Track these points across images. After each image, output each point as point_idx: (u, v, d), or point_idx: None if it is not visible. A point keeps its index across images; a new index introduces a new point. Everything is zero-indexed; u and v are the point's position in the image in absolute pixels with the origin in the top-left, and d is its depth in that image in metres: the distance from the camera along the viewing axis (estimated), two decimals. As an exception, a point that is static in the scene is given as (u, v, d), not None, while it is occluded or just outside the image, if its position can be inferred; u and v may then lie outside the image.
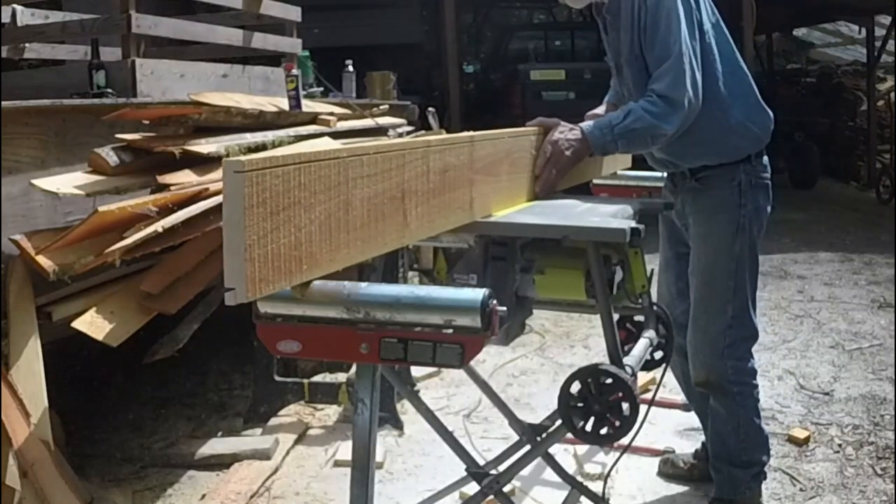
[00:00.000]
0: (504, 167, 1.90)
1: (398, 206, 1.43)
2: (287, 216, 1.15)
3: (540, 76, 8.50)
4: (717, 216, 2.33)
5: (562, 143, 2.11)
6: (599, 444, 2.41)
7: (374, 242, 1.37)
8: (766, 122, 2.37)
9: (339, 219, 1.26)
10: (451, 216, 1.64)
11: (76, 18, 3.63)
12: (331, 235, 1.24)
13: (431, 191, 1.54)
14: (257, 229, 1.09)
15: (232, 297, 1.09)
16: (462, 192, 1.68)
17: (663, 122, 2.14)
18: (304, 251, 1.19)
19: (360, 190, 1.31)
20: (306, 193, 1.18)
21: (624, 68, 2.31)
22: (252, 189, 1.08)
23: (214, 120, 2.40)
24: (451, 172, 1.62)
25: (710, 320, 2.36)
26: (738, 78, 2.33)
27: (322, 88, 4.09)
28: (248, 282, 1.08)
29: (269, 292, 1.13)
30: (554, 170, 2.11)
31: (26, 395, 2.13)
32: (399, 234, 1.45)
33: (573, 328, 4.54)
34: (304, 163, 1.18)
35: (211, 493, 2.73)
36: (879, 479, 2.78)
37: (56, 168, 2.29)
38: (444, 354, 1.40)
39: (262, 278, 1.11)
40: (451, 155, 1.62)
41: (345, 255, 1.29)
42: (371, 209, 1.35)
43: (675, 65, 2.13)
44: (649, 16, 2.16)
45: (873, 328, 4.49)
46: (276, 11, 4.15)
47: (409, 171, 1.46)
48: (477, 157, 1.73)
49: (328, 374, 3.68)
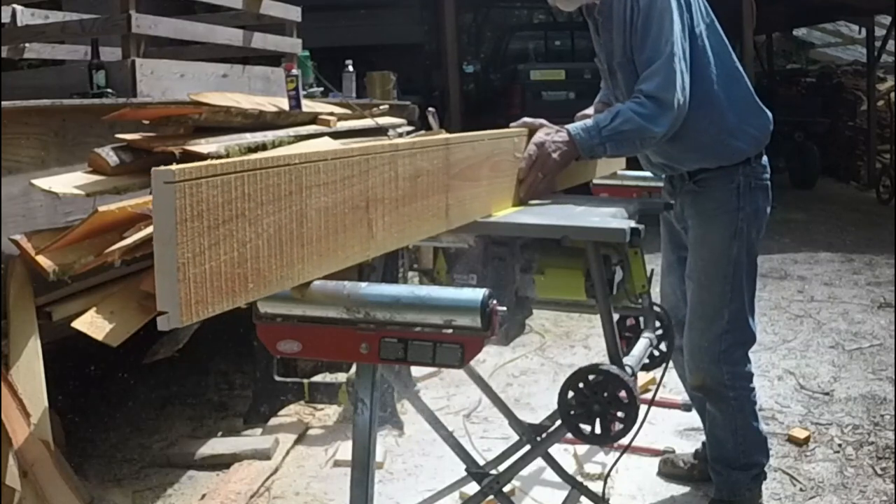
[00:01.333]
0: (484, 171, 1.80)
1: (362, 216, 1.33)
2: (228, 230, 1.04)
3: (540, 76, 8.50)
4: (715, 219, 2.30)
5: (548, 145, 2.05)
6: (599, 444, 2.41)
7: (333, 256, 1.27)
8: (764, 123, 2.34)
9: (291, 232, 1.16)
10: (423, 225, 1.54)
11: (76, 18, 3.63)
12: (282, 250, 1.14)
13: (401, 198, 1.44)
14: (192, 246, 0.99)
15: (165, 322, 0.99)
16: (436, 199, 1.58)
17: (652, 124, 2.08)
18: (249, 268, 1.08)
19: (317, 199, 1.21)
20: (252, 205, 1.08)
21: (616, 71, 2.26)
22: (185, 201, 0.98)
23: (214, 120, 2.39)
24: (424, 178, 1.52)
25: (706, 325, 2.33)
26: (734, 80, 2.29)
27: (322, 88, 4.09)
28: (183, 304, 0.98)
29: (208, 315, 1.03)
30: (540, 173, 2.04)
31: (26, 395, 2.13)
32: (363, 246, 1.35)
33: (573, 328, 4.54)
34: (249, 171, 1.07)
35: (211, 493, 2.73)
36: (879, 479, 2.78)
37: (56, 168, 2.29)
38: (444, 354, 1.40)
39: (199, 300, 1.00)
40: (423, 159, 1.51)
41: (299, 271, 1.18)
42: (330, 220, 1.24)
43: (664, 65, 2.08)
44: (641, 17, 2.11)
45: (873, 328, 4.49)
46: (276, 11, 4.15)
47: (375, 177, 1.36)
48: (454, 160, 1.64)
49: (328, 374, 3.68)
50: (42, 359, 2.19)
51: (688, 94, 2.13)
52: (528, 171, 2.04)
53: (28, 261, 1.99)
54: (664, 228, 2.55)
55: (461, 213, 1.69)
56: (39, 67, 4.38)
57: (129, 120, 2.37)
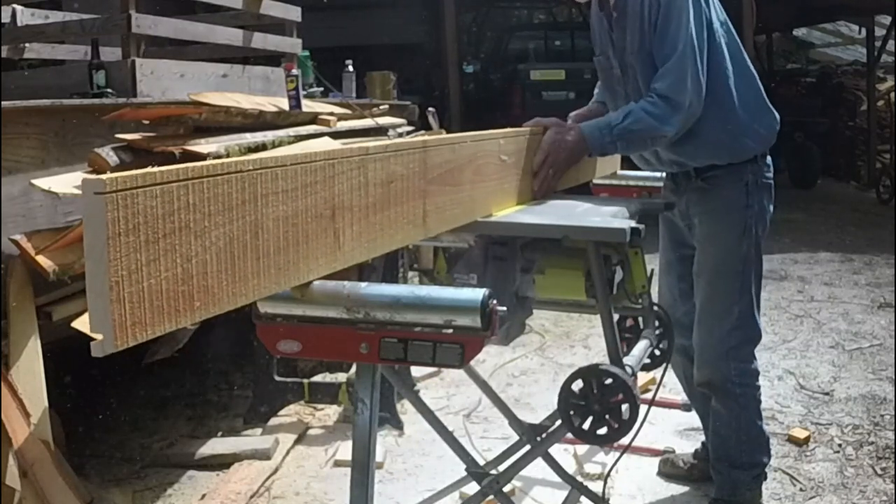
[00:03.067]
0: (466, 175, 1.70)
1: (327, 226, 1.24)
2: (170, 244, 0.95)
3: (540, 76, 8.50)
4: (725, 216, 2.31)
5: (559, 143, 2.09)
6: (599, 443, 2.41)
7: (294, 269, 1.17)
8: (772, 122, 2.36)
9: (245, 244, 1.07)
10: (398, 233, 1.45)
11: (76, 18, 3.63)
12: (234, 264, 1.05)
13: (372, 205, 1.35)
14: (127, 263, 0.90)
15: (98, 349, 0.90)
16: (413, 206, 1.48)
17: (663, 124, 2.11)
18: (195, 285, 0.99)
19: (274, 208, 1.12)
20: (198, 216, 0.99)
21: (629, 67, 2.26)
22: (118, 214, 0.89)
23: (214, 120, 2.39)
24: (399, 183, 1.43)
25: (716, 321, 2.34)
26: (746, 78, 2.30)
27: (322, 88, 4.08)
28: (117, 327, 0.90)
29: (148, 337, 0.95)
30: (551, 170, 2.09)
31: (26, 395, 2.13)
32: (329, 258, 1.25)
33: (573, 328, 4.54)
34: (195, 179, 0.98)
35: (211, 493, 2.73)
36: (879, 479, 2.78)
37: (56, 168, 2.29)
38: (444, 354, 1.40)
39: (137, 322, 0.92)
40: (397, 163, 1.42)
41: (254, 287, 1.09)
42: (290, 231, 1.15)
43: (677, 64, 2.10)
44: (661, 14, 2.12)
45: (873, 328, 4.49)
46: (276, 11, 4.15)
47: (342, 183, 1.26)
48: (432, 164, 1.54)
49: (328, 374, 3.68)
50: (42, 359, 2.19)
51: (703, 93, 2.14)
52: (541, 167, 2.09)
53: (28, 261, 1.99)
54: (664, 227, 2.55)
55: (441, 220, 1.60)
56: (39, 67, 4.37)
57: (129, 120, 2.37)
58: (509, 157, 1.93)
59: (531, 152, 2.09)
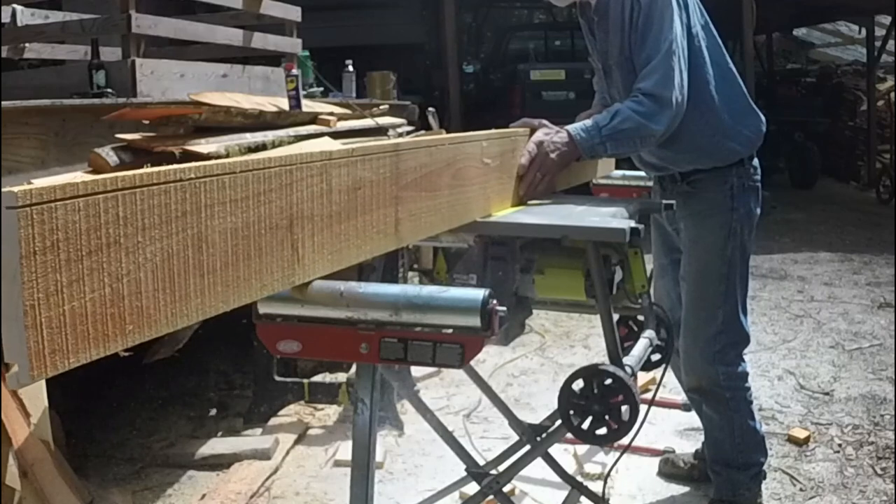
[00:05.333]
0: (444, 180, 1.60)
1: (283, 237, 1.14)
2: (97, 263, 0.86)
3: (540, 76, 8.50)
4: (709, 220, 2.30)
5: (547, 144, 2.03)
6: (599, 444, 2.41)
7: (246, 285, 1.08)
8: (757, 125, 2.34)
9: (186, 260, 0.97)
10: (366, 244, 1.35)
11: (76, 18, 3.63)
12: (173, 283, 0.96)
13: (336, 214, 1.26)
14: (45, 284, 0.81)
15: (14, 380, 0.82)
16: (383, 213, 1.39)
17: (651, 122, 2.07)
18: (127, 307, 0.90)
19: (221, 220, 1.02)
20: (130, 230, 0.89)
21: (613, 70, 2.25)
22: (33, 230, 0.80)
23: (214, 120, 2.39)
24: (367, 190, 1.34)
25: (701, 325, 2.34)
26: (728, 81, 2.29)
27: (322, 88, 4.09)
28: (34, 355, 0.80)
29: (70, 366, 0.85)
30: (538, 173, 2.02)
31: (26, 395, 2.13)
32: (286, 272, 1.16)
33: (573, 328, 4.54)
34: (126, 190, 0.88)
35: (211, 493, 2.73)
36: (879, 479, 2.78)
37: (56, 168, 2.29)
38: (444, 354, 1.40)
39: (56, 349, 0.83)
40: (365, 168, 1.33)
41: (197, 306, 1.00)
42: (240, 244, 1.06)
43: (662, 63, 2.07)
44: (642, 16, 2.10)
45: (873, 328, 4.49)
46: (276, 11, 4.15)
47: (301, 191, 1.17)
48: (405, 168, 1.45)
49: (328, 374, 3.68)
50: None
51: (686, 92, 2.12)
52: (527, 170, 2.01)
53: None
54: (655, 232, 2.54)
55: (415, 227, 1.50)
56: (39, 67, 4.37)
57: (129, 120, 2.37)
58: (493, 159, 1.83)
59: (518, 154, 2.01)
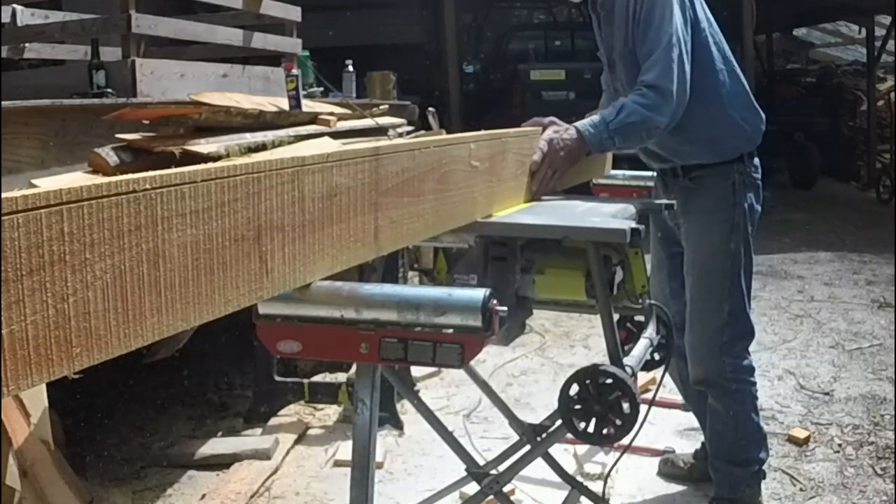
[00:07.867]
0: (428, 184, 1.53)
1: (250, 249, 1.07)
2: (39, 282, 0.79)
3: (540, 76, 8.49)
4: (713, 215, 2.33)
5: (556, 142, 2.08)
6: (599, 444, 2.41)
7: (207, 301, 1.00)
8: (757, 122, 2.37)
9: (140, 276, 0.90)
10: (342, 254, 1.27)
11: (76, 18, 3.63)
12: (126, 301, 0.89)
13: (309, 223, 1.18)
14: None
15: None
16: (361, 221, 1.31)
17: (656, 114, 2.12)
18: (74, 328, 0.83)
19: (181, 233, 0.95)
20: (76, 246, 0.82)
21: (617, 64, 2.31)
22: None
23: (214, 120, 2.39)
24: (343, 197, 1.26)
25: (707, 319, 2.36)
26: (733, 77, 2.33)
27: (322, 88, 4.09)
28: None
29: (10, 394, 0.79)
30: (549, 170, 2.08)
31: (26, 395, 2.13)
32: (254, 286, 1.09)
33: (573, 328, 4.54)
34: (70, 203, 0.81)
35: (211, 493, 2.73)
36: (879, 479, 2.78)
37: (56, 168, 2.29)
38: (444, 354, 1.40)
39: None
40: (341, 174, 1.25)
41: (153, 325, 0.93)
42: (201, 257, 0.99)
43: (663, 55, 2.12)
44: (644, 9, 2.15)
45: (873, 328, 4.49)
46: (276, 11, 4.15)
47: (270, 199, 1.11)
48: (385, 174, 1.37)
49: (328, 374, 3.68)
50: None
51: (688, 84, 2.16)
52: (539, 167, 2.08)
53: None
54: (654, 225, 2.56)
55: (397, 235, 1.43)
56: (39, 67, 4.37)
57: (129, 120, 2.37)
58: (482, 162, 1.75)
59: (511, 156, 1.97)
